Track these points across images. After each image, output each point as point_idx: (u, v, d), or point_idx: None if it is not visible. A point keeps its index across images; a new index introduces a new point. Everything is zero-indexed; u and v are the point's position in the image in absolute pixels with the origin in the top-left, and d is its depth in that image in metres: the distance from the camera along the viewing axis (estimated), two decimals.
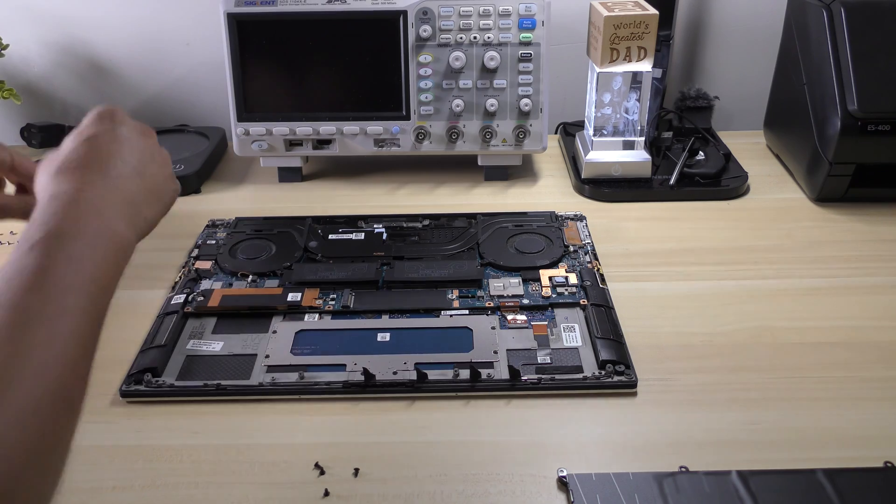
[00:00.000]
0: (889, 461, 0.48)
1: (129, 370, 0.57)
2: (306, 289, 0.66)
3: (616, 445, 0.51)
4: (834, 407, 0.54)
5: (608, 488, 0.46)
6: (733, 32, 1.02)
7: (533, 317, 0.63)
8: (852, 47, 0.76)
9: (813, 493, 0.46)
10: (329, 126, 0.85)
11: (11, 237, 0.79)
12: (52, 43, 1.03)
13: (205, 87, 1.05)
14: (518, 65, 0.83)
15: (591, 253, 0.71)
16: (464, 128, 0.85)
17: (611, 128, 0.86)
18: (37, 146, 1.00)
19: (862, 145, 0.76)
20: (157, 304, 0.66)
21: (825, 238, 0.75)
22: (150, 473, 0.50)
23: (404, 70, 0.83)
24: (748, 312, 0.64)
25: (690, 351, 0.60)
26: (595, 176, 0.85)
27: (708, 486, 0.47)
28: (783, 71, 0.90)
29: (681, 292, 0.67)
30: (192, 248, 0.74)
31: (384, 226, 0.77)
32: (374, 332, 0.61)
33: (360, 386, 0.56)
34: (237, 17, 0.81)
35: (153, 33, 1.03)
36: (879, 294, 0.66)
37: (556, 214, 0.78)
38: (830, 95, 0.76)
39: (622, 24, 0.78)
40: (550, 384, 0.55)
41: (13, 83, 1.01)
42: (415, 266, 0.69)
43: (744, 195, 0.84)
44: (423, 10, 0.81)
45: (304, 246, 0.73)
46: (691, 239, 0.76)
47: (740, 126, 1.05)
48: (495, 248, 0.72)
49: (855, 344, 0.60)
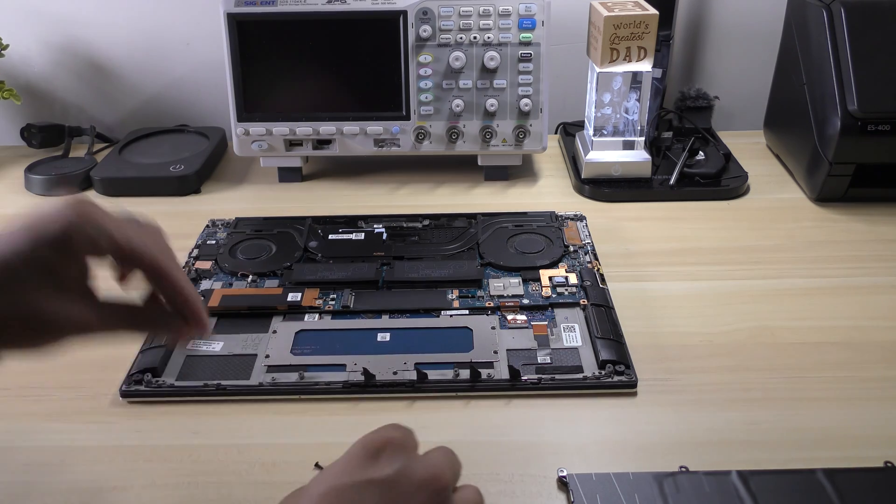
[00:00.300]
0: (889, 461, 0.48)
1: (130, 370, 0.57)
2: (306, 289, 0.66)
3: (616, 445, 0.51)
4: (834, 407, 0.54)
5: (608, 488, 0.46)
6: (733, 32, 1.02)
7: (533, 317, 0.63)
8: (852, 47, 0.76)
9: (813, 493, 0.46)
10: (329, 126, 0.85)
11: None
12: (52, 43, 1.03)
13: (205, 87, 1.06)
14: (518, 65, 0.83)
15: (591, 253, 0.71)
16: (464, 128, 0.85)
17: (611, 128, 0.86)
18: (37, 146, 1.00)
19: (862, 145, 0.76)
20: None
21: (825, 238, 0.75)
22: (150, 473, 0.50)
23: (404, 70, 0.83)
24: (748, 312, 0.64)
25: (690, 351, 0.60)
26: (595, 176, 0.85)
27: (708, 486, 0.47)
28: (783, 71, 0.90)
29: (681, 292, 0.67)
30: (192, 249, 0.74)
31: (384, 226, 0.77)
32: (374, 332, 0.61)
33: (360, 386, 0.56)
34: (237, 17, 0.81)
35: (153, 33, 1.03)
36: (879, 294, 0.66)
37: (556, 214, 0.78)
38: (830, 95, 0.76)
39: (622, 24, 0.78)
40: (550, 384, 0.55)
41: (13, 83, 1.01)
42: (415, 266, 0.69)
43: (744, 195, 0.84)
44: (423, 10, 0.81)
45: (304, 246, 0.73)
46: (691, 239, 0.76)
47: (740, 126, 1.05)
48: (495, 248, 0.72)
49: (855, 344, 0.60)
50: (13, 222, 0.40)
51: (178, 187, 0.87)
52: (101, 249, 0.41)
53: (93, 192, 0.88)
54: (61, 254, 0.40)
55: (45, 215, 0.40)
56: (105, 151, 0.98)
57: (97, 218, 0.41)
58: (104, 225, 0.41)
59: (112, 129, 1.07)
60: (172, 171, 0.88)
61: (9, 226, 0.40)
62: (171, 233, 0.79)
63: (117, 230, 0.41)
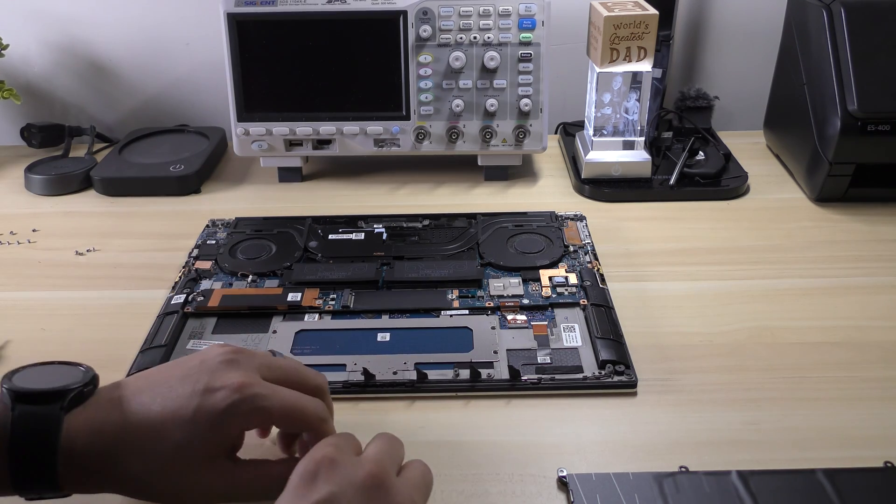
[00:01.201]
0: (889, 461, 0.48)
1: (130, 370, 0.57)
2: (306, 289, 0.66)
3: (616, 445, 0.51)
4: (834, 407, 0.54)
5: (608, 488, 0.46)
6: (733, 32, 1.02)
7: (533, 317, 0.63)
8: (852, 47, 0.76)
9: (813, 493, 0.46)
10: (329, 126, 0.85)
11: (11, 237, 0.79)
12: (52, 43, 1.03)
13: (205, 87, 1.06)
14: (518, 65, 0.83)
15: (591, 253, 0.71)
16: (464, 128, 0.85)
17: (611, 128, 0.86)
18: (37, 146, 1.00)
19: (862, 145, 0.76)
20: (157, 304, 0.66)
21: (825, 238, 0.75)
22: None
23: (404, 70, 0.83)
24: (748, 312, 0.64)
25: (690, 351, 0.60)
26: (595, 176, 0.85)
27: (708, 486, 0.47)
28: (783, 71, 0.90)
29: (681, 292, 0.67)
30: (192, 248, 0.74)
31: (384, 226, 0.77)
32: (374, 332, 0.61)
33: (360, 386, 0.56)
34: (237, 17, 0.81)
35: (153, 33, 1.03)
36: (879, 294, 0.66)
37: (556, 214, 0.78)
38: (830, 95, 0.76)
39: (622, 24, 0.78)
40: (550, 384, 0.55)
41: (13, 83, 1.01)
42: (415, 266, 0.69)
43: (744, 195, 0.84)
44: (423, 10, 0.81)
45: (304, 246, 0.73)
46: (691, 239, 0.76)
47: (740, 126, 1.05)
48: (495, 248, 0.72)
49: (855, 344, 0.60)
50: (179, 386, 0.42)
51: (178, 187, 0.87)
52: (257, 423, 0.44)
53: (93, 192, 0.88)
54: (220, 428, 0.42)
55: (209, 381, 0.42)
56: (105, 151, 0.98)
57: (257, 389, 0.43)
58: (263, 397, 0.43)
59: (112, 129, 1.07)
60: (172, 171, 0.88)
61: (174, 380, 0.43)
62: (171, 233, 0.80)
63: (276, 400, 0.43)
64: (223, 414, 0.41)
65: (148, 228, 0.80)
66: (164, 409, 0.41)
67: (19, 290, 0.70)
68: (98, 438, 0.40)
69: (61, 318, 0.66)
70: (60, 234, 0.79)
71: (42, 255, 0.76)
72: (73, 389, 0.41)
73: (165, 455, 0.41)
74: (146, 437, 0.41)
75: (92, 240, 0.78)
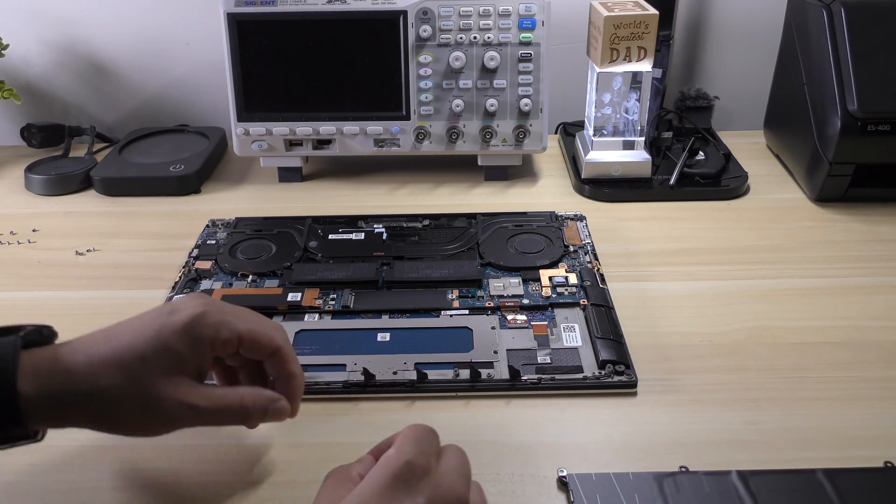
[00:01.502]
0: (889, 461, 0.48)
1: None
2: (306, 289, 0.66)
3: (616, 445, 0.51)
4: (834, 407, 0.54)
5: (608, 488, 0.46)
6: (733, 32, 1.02)
7: (533, 317, 0.63)
8: (852, 47, 0.76)
9: (813, 493, 0.46)
10: (329, 126, 0.85)
11: (11, 237, 0.79)
12: (52, 43, 1.03)
13: (205, 87, 1.06)
14: (518, 65, 0.83)
15: (591, 253, 0.71)
16: (464, 128, 0.85)
17: (611, 128, 0.86)
18: (37, 146, 1.00)
19: (862, 145, 0.76)
20: (156, 305, 0.66)
21: (825, 238, 0.75)
22: (150, 474, 0.50)
23: (404, 70, 0.83)
24: (748, 312, 0.64)
25: (690, 351, 0.60)
26: (595, 176, 0.85)
27: (708, 486, 0.47)
28: (783, 71, 0.90)
29: (681, 292, 0.67)
30: (192, 248, 0.74)
31: (384, 226, 0.77)
32: (374, 332, 0.61)
33: (360, 386, 0.56)
34: (237, 17, 0.81)
35: (153, 33, 1.03)
36: (879, 294, 0.66)
37: (556, 214, 0.78)
38: (830, 95, 0.76)
39: (622, 24, 0.78)
40: (550, 384, 0.55)
41: (13, 83, 1.01)
42: (415, 266, 0.69)
43: (744, 195, 0.84)
44: (423, 10, 0.81)
45: (304, 246, 0.73)
46: (691, 239, 0.76)
47: (740, 126, 1.05)
48: (495, 248, 0.72)
49: (855, 344, 0.60)
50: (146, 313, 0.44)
51: (178, 187, 0.87)
52: (224, 337, 0.44)
53: (93, 192, 0.88)
54: (185, 343, 0.43)
55: (173, 305, 0.44)
56: (105, 151, 0.98)
57: (221, 307, 0.45)
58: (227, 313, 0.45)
59: (112, 129, 1.08)
60: (172, 171, 0.88)
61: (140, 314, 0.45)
62: (170, 233, 0.80)
63: (240, 319, 0.45)
64: (188, 325, 0.43)
65: (148, 228, 0.80)
66: (130, 330, 0.43)
67: (19, 290, 0.70)
68: (60, 366, 0.41)
69: (61, 318, 0.65)
70: (60, 234, 0.79)
71: (42, 255, 0.76)
72: (29, 325, 0.43)
73: (132, 369, 0.42)
74: (113, 353, 0.42)
75: (92, 240, 0.78)
